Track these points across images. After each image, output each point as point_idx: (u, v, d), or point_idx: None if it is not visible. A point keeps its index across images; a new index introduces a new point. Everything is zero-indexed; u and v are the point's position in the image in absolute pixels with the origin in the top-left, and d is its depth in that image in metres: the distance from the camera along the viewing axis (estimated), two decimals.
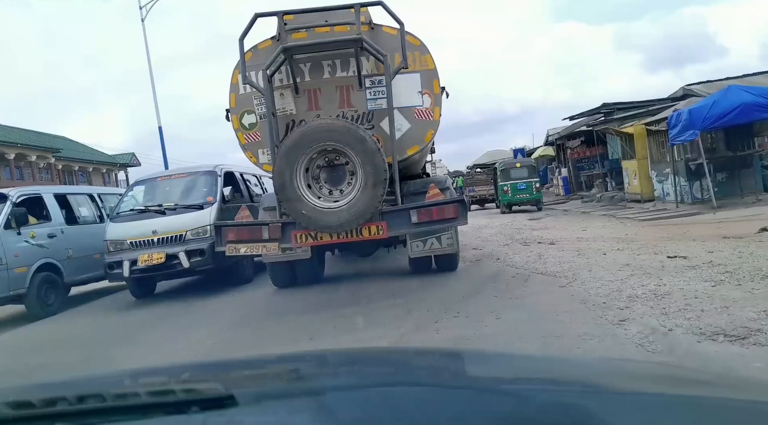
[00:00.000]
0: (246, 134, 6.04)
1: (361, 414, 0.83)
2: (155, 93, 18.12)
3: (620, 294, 4.81)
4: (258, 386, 1.16)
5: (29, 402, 0.93)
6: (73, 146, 40.29)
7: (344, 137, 5.24)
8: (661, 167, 13.90)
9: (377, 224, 5.48)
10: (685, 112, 11.14)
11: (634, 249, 7.34)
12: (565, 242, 8.94)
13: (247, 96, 5.96)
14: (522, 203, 18.69)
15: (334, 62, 5.83)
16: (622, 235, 9.17)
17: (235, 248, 5.56)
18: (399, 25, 5.56)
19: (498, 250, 8.90)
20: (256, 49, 5.88)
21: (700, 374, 1.62)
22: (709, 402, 0.88)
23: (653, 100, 17.30)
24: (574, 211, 16.45)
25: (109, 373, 2.17)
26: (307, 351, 3.01)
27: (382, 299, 5.87)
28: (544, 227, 12.38)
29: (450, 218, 5.54)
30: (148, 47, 17.87)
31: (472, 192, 23.38)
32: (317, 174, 5.51)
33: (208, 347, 4.79)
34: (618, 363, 1.68)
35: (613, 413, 0.79)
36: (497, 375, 1.17)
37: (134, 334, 5.85)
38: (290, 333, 4.99)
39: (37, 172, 32.16)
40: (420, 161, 7.78)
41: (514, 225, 13.46)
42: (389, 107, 5.59)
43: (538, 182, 18.86)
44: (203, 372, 1.36)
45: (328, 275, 7.84)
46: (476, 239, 11.02)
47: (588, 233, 9.97)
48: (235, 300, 7.25)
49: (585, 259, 6.95)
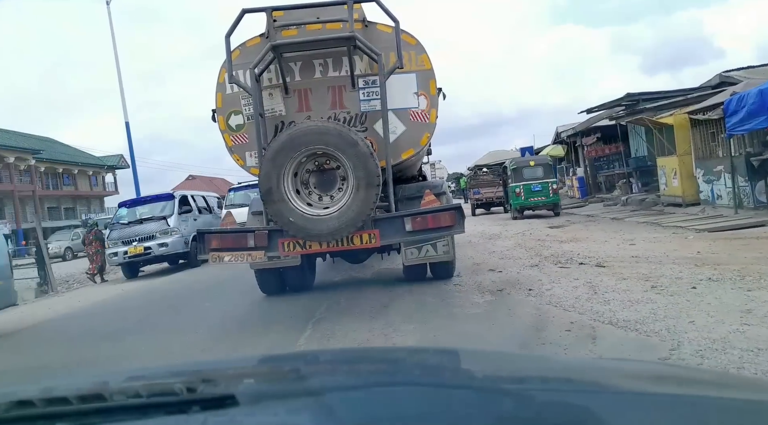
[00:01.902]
0: (233, 136, 5.93)
1: (361, 414, 0.85)
2: (122, 87, 18.11)
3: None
4: (258, 386, 1.20)
5: (30, 402, 0.96)
6: (57, 147, 40.01)
7: (335, 140, 5.11)
8: (709, 165, 11.96)
9: (369, 232, 5.36)
10: (752, 93, 9.15)
11: (733, 279, 5.32)
12: (617, 264, 6.90)
13: (234, 96, 5.85)
14: (537, 207, 16.87)
15: (326, 61, 5.74)
16: (692, 253, 7.09)
17: (218, 257, 5.42)
18: (394, 23, 5.48)
19: (526, 274, 6.93)
20: (244, 47, 5.78)
21: (700, 374, 1.67)
22: (709, 402, 0.89)
23: (685, 90, 15.79)
24: (601, 216, 14.53)
25: (109, 372, 2.30)
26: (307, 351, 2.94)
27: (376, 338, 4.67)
28: (573, 238, 10.37)
29: (446, 226, 5.42)
30: (113, 33, 17.80)
31: (477, 194, 21.68)
32: (306, 179, 5.39)
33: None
34: (618, 363, 1.70)
35: (613, 413, 0.80)
36: (497, 375, 1.18)
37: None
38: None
39: (16, 174, 31.86)
40: (416, 163, 7.71)
41: (533, 235, 11.71)
42: (383, 109, 5.49)
43: (555, 183, 16.88)
44: (203, 372, 1.37)
45: (318, 283, 7.74)
46: (490, 254, 9.19)
47: (641, 250, 7.87)
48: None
49: (668, 297, 4.94)
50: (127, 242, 12.73)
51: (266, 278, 6.97)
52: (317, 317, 5.64)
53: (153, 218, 13.13)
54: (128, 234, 12.88)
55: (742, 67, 14.45)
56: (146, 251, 12.64)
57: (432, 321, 5.05)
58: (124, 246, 12.70)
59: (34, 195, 34.07)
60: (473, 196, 21.91)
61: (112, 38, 17.97)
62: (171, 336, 5.99)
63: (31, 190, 33.88)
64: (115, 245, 12.89)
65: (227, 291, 8.84)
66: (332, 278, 8.30)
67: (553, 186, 16.52)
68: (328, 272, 8.83)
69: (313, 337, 4.91)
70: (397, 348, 2.80)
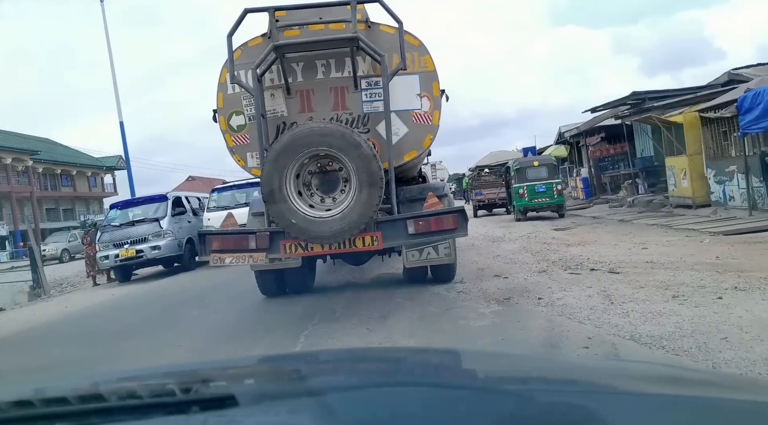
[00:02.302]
0: (234, 136, 5.92)
1: (362, 414, 0.86)
2: (116, 85, 18.06)
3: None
4: (258, 386, 1.21)
5: (30, 402, 0.97)
6: (56, 148, 40.04)
7: (338, 142, 5.10)
8: (721, 164, 11.68)
9: (372, 235, 5.35)
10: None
11: (762, 289, 4.99)
12: (632, 270, 6.53)
13: (235, 96, 5.84)
14: (541, 209, 16.57)
15: (329, 62, 5.73)
16: (710, 258, 6.73)
17: (219, 259, 5.41)
18: (398, 24, 5.47)
19: (534, 281, 6.59)
20: (246, 47, 5.77)
21: (700, 374, 1.68)
22: (709, 402, 0.90)
23: (692, 88, 15.51)
24: (607, 218, 14.16)
25: (109, 373, 2.30)
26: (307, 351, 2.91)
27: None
28: (580, 241, 9.99)
29: (449, 229, 5.41)
30: (107, 31, 17.79)
31: (479, 195, 21.47)
32: (308, 181, 5.39)
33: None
34: (618, 363, 1.71)
35: (613, 413, 0.81)
36: (497, 375, 1.19)
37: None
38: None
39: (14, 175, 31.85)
40: (417, 165, 7.70)
41: (539, 237, 11.43)
42: (386, 110, 5.48)
43: (559, 184, 16.49)
44: (203, 372, 1.39)
45: (316, 285, 7.73)
46: (495, 258, 8.78)
47: (655, 254, 7.50)
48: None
49: (693, 308, 4.59)
50: (119, 244, 12.48)
51: (266, 280, 6.98)
52: (310, 329, 5.36)
53: (145, 220, 12.90)
54: (119, 237, 12.61)
55: (752, 65, 14.25)
56: (138, 255, 12.42)
57: (435, 334, 4.80)
58: (115, 249, 12.46)
59: (32, 197, 34.11)
60: (475, 197, 21.69)
61: (106, 36, 17.99)
62: (157, 347, 5.56)
63: (29, 191, 33.92)
64: (106, 247, 12.66)
65: (218, 297, 8.59)
66: (329, 282, 8.26)
67: (557, 187, 16.15)
68: (326, 275, 8.79)
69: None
70: (397, 348, 2.81)
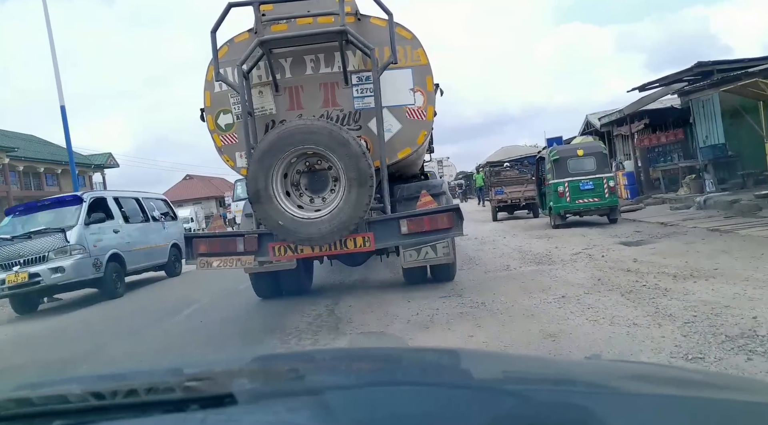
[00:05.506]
0: (222, 136, 6.04)
1: (361, 414, 0.88)
2: (57, 67, 17.76)
3: None
4: (257, 385, 1.23)
5: (29, 400, 1.00)
6: (38, 146, 39.98)
7: (325, 140, 5.20)
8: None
9: (363, 236, 5.46)
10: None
11: None
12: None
13: (223, 94, 5.95)
14: (587, 212, 13.07)
15: (317, 57, 5.83)
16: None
17: (206, 263, 5.54)
18: (388, 16, 5.54)
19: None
20: (232, 43, 5.88)
21: (700, 374, 1.70)
22: (709, 402, 0.93)
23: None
24: (683, 225, 10.39)
25: (107, 371, 2.36)
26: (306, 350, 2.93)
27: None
28: (688, 267, 6.30)
29: (444, 228, 5.49)
30: (49, 22, 17.61)
31: (501, 194, 18.21)
32: (297, 180, 5.50)
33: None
34: (618, 363, 1.76)
35: (613, 413, 0.84)
36: (497, 375, 1.22)
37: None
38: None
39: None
40: (415, 162, 7.77)
41: (606, 257, 7.74)
42: (377, 106, 5.58)
43: (612, 179, 13.02)
44: (202, 371, 1.44)
45: (316, 286, 7.83)
46: (559, 301, 5.35)
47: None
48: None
49: None
50: (7, 266, 9.26)
51: (261, 282, 7.04)
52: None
53: (47, 231, 9.55)
54: (8, 255, 9.34)
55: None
56: (32, 280, 9.13)
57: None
58: (2, 272, 9.26)
59: (8, 196, 34.05)
60: (495, 196, 18.44)
61: (48, 28, 17.69)
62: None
63: (5, 191, 33.86)
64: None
65: (138, 347, 5.76)
66: (329, 283, 8.39)
67: (609, 183, 12.76)
68: (326, 275, 8.88)
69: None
70: (397, 348, 2.88)
